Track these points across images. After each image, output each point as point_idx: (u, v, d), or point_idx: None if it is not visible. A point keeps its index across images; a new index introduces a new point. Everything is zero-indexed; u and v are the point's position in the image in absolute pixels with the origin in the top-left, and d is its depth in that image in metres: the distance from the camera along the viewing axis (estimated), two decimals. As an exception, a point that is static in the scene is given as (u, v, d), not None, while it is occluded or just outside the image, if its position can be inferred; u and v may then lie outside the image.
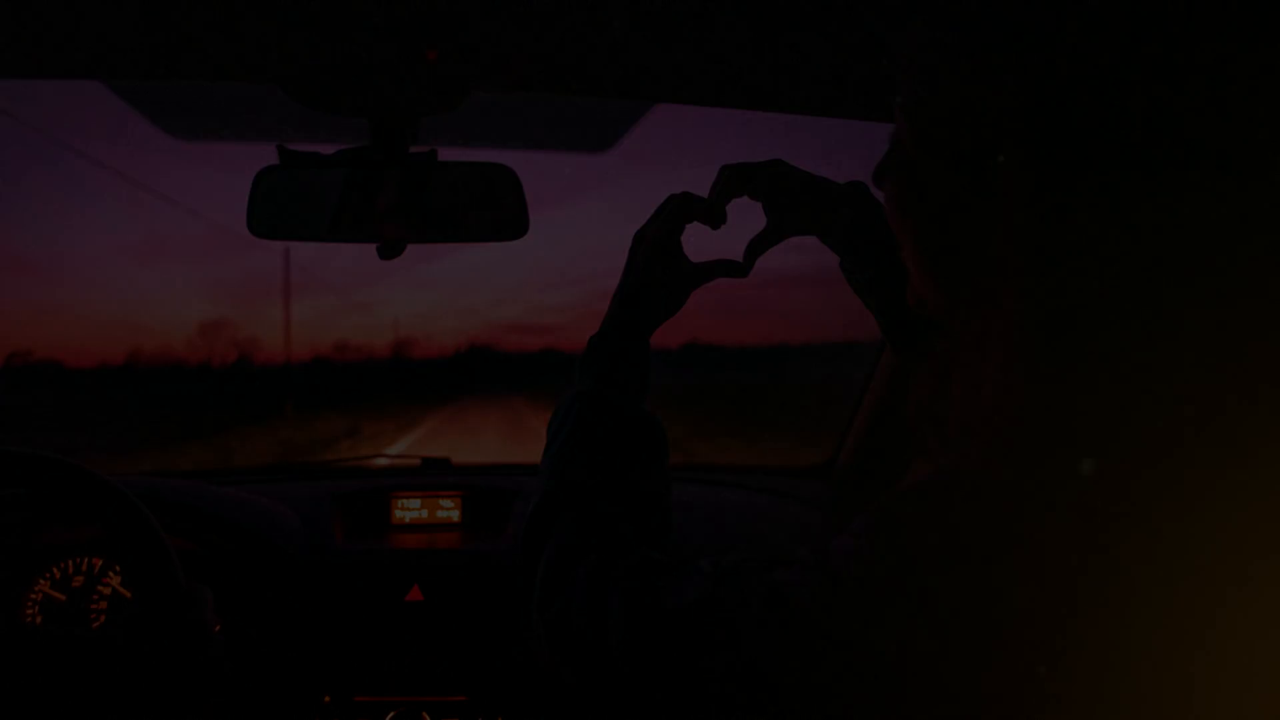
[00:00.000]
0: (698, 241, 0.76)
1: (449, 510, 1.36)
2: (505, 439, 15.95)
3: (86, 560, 1.16)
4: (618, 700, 0.54)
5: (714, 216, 0.74)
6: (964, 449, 0.45)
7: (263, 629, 1.16)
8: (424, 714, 1.14)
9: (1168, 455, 0.40)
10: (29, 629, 1.13)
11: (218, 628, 1.12)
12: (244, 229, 0.87)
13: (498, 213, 0.90)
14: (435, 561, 1.21)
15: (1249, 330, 0.40)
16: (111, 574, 1.15)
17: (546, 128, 1.24)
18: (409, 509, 1.36)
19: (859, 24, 0.75)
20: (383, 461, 1.71)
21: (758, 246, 0.76)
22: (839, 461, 1.52)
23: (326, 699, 1.14)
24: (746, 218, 0.83)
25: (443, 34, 0.75)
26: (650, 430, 0.68)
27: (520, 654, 1.16)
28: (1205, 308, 0.40)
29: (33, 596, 1.14)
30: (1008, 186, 0.43)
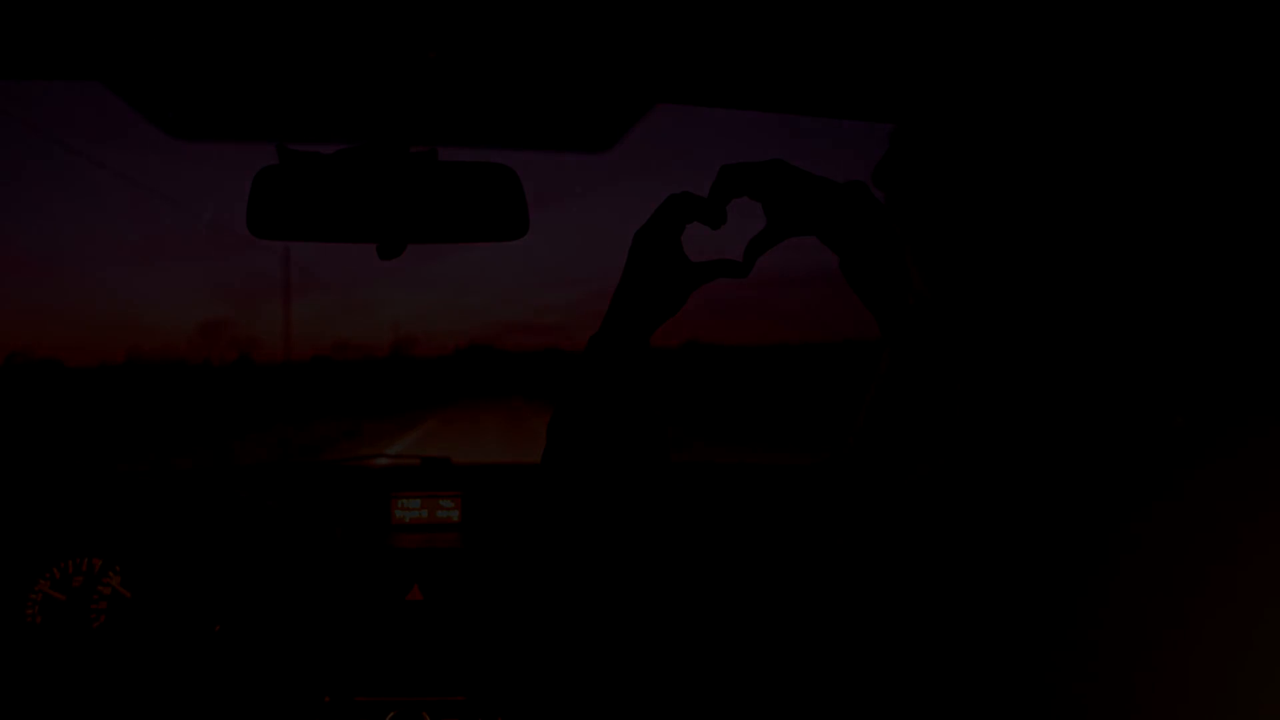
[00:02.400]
0: (698, 241, 0.76)
1: (449, 510, 1.36)
2: (505, 439, 15.95)
3: (86, 560, 1.16)
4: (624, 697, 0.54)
5: (714, 216, 0.74)
6: (964, 448, 0.45)
7: (263, 629, 1.16)
8: (424, 714, 1.14)
9: (1170, 455, 0.40)
10: (29, 629, 1.13)
11: (218, 628, 1.13)
12: (244, 229, 0.87)
13: (498, 213, 0.90)
14: (435, 561, 1.21)
15: (1247, 330, 0.40)
16: (111, 574, 1.15)
17: (546, 128, 1.24)
18: (409, 509, 1.36)
19: (860, 24, 0.75)
20: (383, 461, 1.71)
21: (758, 246, 0.76)
22: (839, 461, 1.52)
23: (326, 699, 1.14)
24: (746, 218, 0.83)
25: (443, 34, 0.75)
26: (650, 429, 0.68)
27: (520, 654, 1.16)
28: (1205, 307, 0.40)
29: (33, 596, 1.14)
30: (1007, 185, 0.43)
